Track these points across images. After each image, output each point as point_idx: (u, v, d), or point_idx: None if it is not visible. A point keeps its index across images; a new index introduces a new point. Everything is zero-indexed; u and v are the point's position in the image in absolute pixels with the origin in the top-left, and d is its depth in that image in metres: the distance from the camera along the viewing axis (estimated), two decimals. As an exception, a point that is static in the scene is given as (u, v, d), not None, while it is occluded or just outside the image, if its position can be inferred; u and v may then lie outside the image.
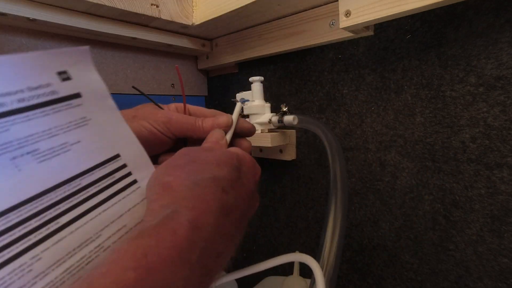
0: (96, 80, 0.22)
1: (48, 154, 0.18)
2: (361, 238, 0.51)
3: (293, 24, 0.53)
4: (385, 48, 0.46)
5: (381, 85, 0.47)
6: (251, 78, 0.53)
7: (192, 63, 0.75)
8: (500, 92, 0.37)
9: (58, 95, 0.19)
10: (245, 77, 0.69)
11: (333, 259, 0.36)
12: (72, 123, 0.20)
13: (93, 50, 0.58)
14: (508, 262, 0.37)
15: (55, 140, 0.19)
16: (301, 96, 0.59)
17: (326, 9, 0.49)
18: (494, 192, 0.38)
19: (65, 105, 0.20)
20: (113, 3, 0.47)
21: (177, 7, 0.55)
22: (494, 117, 0.37)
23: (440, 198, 0.42)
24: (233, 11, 0.50)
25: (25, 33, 0.49)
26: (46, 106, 0.19)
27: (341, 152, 0.42)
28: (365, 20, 0.39)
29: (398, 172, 0.46)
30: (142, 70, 0.65)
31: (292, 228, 0.63)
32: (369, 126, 0.49)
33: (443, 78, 0.41)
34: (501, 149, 0.37)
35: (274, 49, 0.57)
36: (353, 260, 0.53)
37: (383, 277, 0.49)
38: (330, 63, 0.53)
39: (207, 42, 0.69)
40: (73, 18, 0.48)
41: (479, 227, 0.39)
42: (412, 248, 0.46)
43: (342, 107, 0.52)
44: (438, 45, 0.41)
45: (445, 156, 0.41)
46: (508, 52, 0.36)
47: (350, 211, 0.52)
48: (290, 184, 0.62)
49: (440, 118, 0.42)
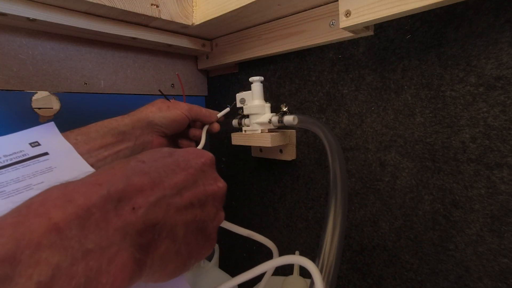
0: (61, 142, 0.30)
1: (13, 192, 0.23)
2: (361, 238, 0.51)
3: (293, 24, 0.53)
4: (385, 48, 0.46)
5: (381, 85, 0.47)
6: (251, 78, 0.53)
7: (192, 63, 0.76)
8: (500, 92, 0.37)
9: (28, 156, 0.27)
10: (245, 77, 0.69)
11: (333, 259, 0.36)
12: (38, 172, 0.26)
13: (93, 50, 0.58)
14: (508, 262, 0.37)
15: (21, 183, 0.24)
16: (301, 96, 0.59)
17: (326, 9, 0.49)
18: (494, 192, 0.38)
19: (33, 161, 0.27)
20: (113, 3, 0.47)
21: (177, 7, 0.55)
22: (494, 117, 0.37)
23: (440, 198, 0.42)
24: (233, 11, 0.50)
25: (25, 33, 0.49)
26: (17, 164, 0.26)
27: (341, 152, 0.42)
28: (365, 20, 0.39)
29: (398, 172, 0.46)
30: (142, 70, 0.65)
31: (292, 228, 0.63)
32: (369, 126, 0.49)
33: (443, 78, 0.41)
34: (501, 149, 0.37)
35: (274, 49, 0.57)
36: (353, 260, 0.53)
37: (383, 277, 0.49)
38: (330, 63, 0.53)
39: (207, 42, 0.69)
40: (73, 18, 0.48)
41: (479, 227, 0.39)
42: (412, 248, 0.46)
43: (342, 107, 0.52)
44: (438, 45, 0.41)
45: (445, 156, 0.41)
46: (508, 52, 0.36)
47: (350, 211, 0.52)
48: (290, 184, 0.62)
49: (440, 118, 0.41)
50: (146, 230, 0.18)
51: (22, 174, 0.25)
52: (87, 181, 0.18)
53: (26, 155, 0.27)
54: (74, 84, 0.56)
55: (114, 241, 0.16)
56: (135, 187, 0.19)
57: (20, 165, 0.26)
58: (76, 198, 0.16)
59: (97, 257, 0.15)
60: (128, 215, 0.17)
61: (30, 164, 0.26)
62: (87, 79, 0.57)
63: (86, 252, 0.15)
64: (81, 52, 0.56)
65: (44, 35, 0.51)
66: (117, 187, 0.18)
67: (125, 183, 0.18)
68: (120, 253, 0.16)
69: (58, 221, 0.15)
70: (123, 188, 0.18)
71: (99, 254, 0.16)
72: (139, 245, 0.18)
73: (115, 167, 0.20)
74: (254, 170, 0.70)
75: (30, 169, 0.26)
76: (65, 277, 0.14)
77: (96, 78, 0.59)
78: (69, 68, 0.55)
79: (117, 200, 0.17)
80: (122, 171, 0.20)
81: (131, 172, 0.20)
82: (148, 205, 0.19)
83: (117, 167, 0.20)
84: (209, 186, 0.24)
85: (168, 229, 0.20)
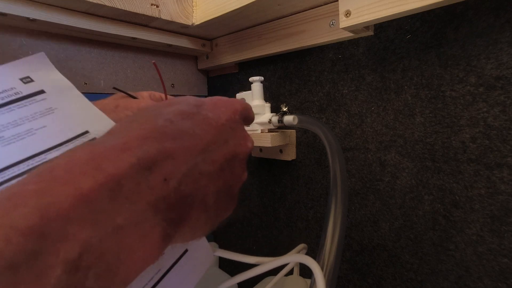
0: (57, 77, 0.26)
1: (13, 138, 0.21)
2: (361, 238, 0.51)
3: (293, 24, 0.53)
4: (385, 48, 0.46)
5: (381, 85, 0.47)
6: (251, 78, 0.53)
7: (192, 63, 0.76)
8: (500, 92, 0.37)
9: (22, 94, 0.23)
10: (245, 77, 0.69)
11: (333, 259, 0.36)
12: (37, 114, 0.23)
13: (93, 50, 0.58)
14: (508, 262, 0.37)
15: (20, 128, 0.22)
16: (301, 96, 0.59)
17: (326, 9, 0.49)
18: (494, 192, 0.38)
19: (29, 101, 0.23)
20: (113, 3, 0.47)
21: (177, 7, 0.55)
22: (494, 117, 0.37)
23: (440, 198, 0.42)
24: (233, 11, 0.50)
25: (25, 33, 0.49)
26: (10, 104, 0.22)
27: (341, 152, 0.42)
28: (365, 20, 0.39)
29: (398, 172, 0.46)
30: (142, 70, 0.65)
31: (292, 228, 0.63)
32: (369, 126, 0.49)
33: (443, 78, 0.41)
34: (501, 149, 0.37)
35: (274, 49, 0.57)
36: (353, 260, 0.53)
37: (383, 277, 0.49)
38: (330, 63, 0.53)
39: (207, 42, 0.69)
40: (73, 18, 0.48)
41: (479, 227, 0.39)
42: (412, 248, 0.46)
43: (342, 107, 0.52)
44: (438, 45, 0.41)
45: (445, 156, 0.41)
46: (508, 52, 0.36)
47: (350, 211, 0.52)
48: (290, 184, 0.62)
49: (440, 118, 0.41)
50: (178, 203, 0.17)
51: (20, 116, 0.22)
52: (114, 144, 0.16)
53: (19, 93, 0.23)
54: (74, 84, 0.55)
55: (147, 217, 0.15)
56: (166, 154, 0.17)
57: (14, 105, 0.22)
58: (104, 166, 0.14)
59: (129, 233, 0.14)
60: (160, 188, 0.16)
61: (27, 104, 0.23)
62: (87, 79, 0.57)
63: (117, 227, 0.14)
64: (81, 52, 0.56)
65: (44, 35, 0.51)
66: (148, 153, 0.16)
67: (156, 150, 0.16)
68: (154, 230, 0.15)
69: (87, 191, 0.13)
70: (155, 155, 0.16)
71: (132, 231, 0.14)
72: (170, 220, 0.16)
73: (143, 126, 0.17)
74: (254, 170, 0.70)
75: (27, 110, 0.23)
76: (95, 253, 0.13)
77: (96, 78, 0.59)
78: (69, 68, 0.55)
79: (148, 169, 0.16)
80: (151, 132, 0.17)
81: (161, 134, 0.17)
82: (181, 175, 0.17)
83: (146, 126, 0.17)
84: (239, 147, 0.22)
85: (200, 199, 0.18)
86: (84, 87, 0.57)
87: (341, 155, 0.41)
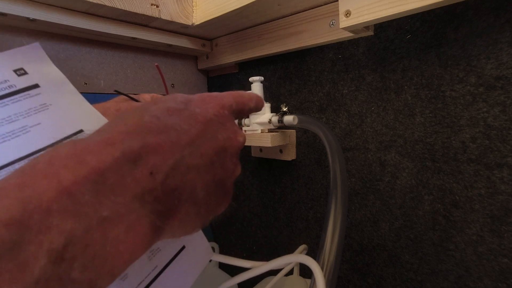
0: (52, 71, 0.25)
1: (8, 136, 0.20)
2: (361, 238, 0.51)
3: (293, 24, 0.53)
4: (385, 48, 0.46)
5: (381, 85, 0.47)
6: (251, 78, 0.53)
7: (192, 63, 0.76)
8: (500, 92, 0.37)
9: (16, 88, 0.22)
10: (245, 77, 0.69)
11: (333, 259, 0.36)
12: (32, 109, 0.22)
13: (93, 50, 0.58)
14: (508, 262, 0.37)
15: (15, 124, 0.21)
16: (301, 96, 0.59)
17: (326, 9, 0.49)
18: (494, 192, 0.38)
19: (23, 95, 0.22)
20: (113, 3, 0.47)
21: (177, 7, 0.55)
22: (494, 117, 0.37)
23: (440, 198, 0.42)
24: (233, 11, 0.50)
25: (25, 33, 0.49)
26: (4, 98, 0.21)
27: (341, 152, 0.42)
28: (365, 20, 0.39)
29: (398, 172, 0.46)
30: (142, 70, 0.65)
31: (292, 228, 0.63)
32: (369, 126, 0.49)
33: (443, 78, 0.41)
34: (501, 149, 0.37)
35: (274, 49, 0.57)
36: (353, 260, 0.53)
37: (383, 277, 0.49)
38: (330, 63, 0.53)
39: (207, 42, 0.69)
40: (73, 18, 0.48)
41: (479, 227, 0.39)
42: (412, 248, 0.46)
43: (342, 107, 0.52)
44: (438, 45, 0.41)
45: (445, 156, 0.41)
46: (508, 52, 0.36)
47: (350, 211, 0.52)
48: (290, 184, 0.62)
49: (440, 118, 0.41)
50: (166, 196, 0.17)
51: (14, 112, 0.21)
52: (97, 140, 0.16)
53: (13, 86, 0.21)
54: (74, 84, 0.55)
55: (134, 209, 0.15)
56: (151, 148, 0.17)
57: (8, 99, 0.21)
58: (87, 159, 0.14)
59: (114, 225, 0.14)
60: (146, 181, 0.16)
61: (21, 99, 0.21)
62: (87, 79, 0.57)
63: (102, 219, 0.14)
64: (81, 52, 0.56)
65: (44, 35, 0.51)
66: (132, 147, 0.16)
67: (140, 143, 0.16)
68: (140, 221, 0.15)
69: (69, 184, 0.13)
70: (139, 149, 0.16)
71: (117, 222, 0.14)
72: (158, 212, 0.17)
73: (128, 122, 0.18)
74: (254, 170, 0.70)
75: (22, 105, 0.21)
76: (79, 245, 0.13)
77: (96, 78, 0.59)
78: (69, 68, 0.55)
79: (132, 162, 0.16)
80: (136, 127, 0.17)
81: (146, 129, 0.18)
82: (167, 169, 0.17)
83: (130, 123, 0.18)
84: (229, 141, 0.22)
85: (188, 193, 0.19)
86: (84, 87, 0.57)
87: (341, 155, 0.41)
